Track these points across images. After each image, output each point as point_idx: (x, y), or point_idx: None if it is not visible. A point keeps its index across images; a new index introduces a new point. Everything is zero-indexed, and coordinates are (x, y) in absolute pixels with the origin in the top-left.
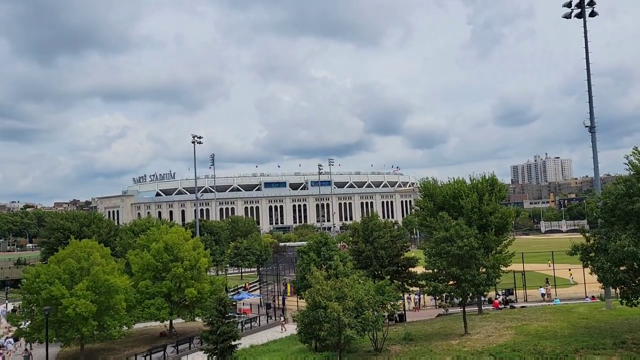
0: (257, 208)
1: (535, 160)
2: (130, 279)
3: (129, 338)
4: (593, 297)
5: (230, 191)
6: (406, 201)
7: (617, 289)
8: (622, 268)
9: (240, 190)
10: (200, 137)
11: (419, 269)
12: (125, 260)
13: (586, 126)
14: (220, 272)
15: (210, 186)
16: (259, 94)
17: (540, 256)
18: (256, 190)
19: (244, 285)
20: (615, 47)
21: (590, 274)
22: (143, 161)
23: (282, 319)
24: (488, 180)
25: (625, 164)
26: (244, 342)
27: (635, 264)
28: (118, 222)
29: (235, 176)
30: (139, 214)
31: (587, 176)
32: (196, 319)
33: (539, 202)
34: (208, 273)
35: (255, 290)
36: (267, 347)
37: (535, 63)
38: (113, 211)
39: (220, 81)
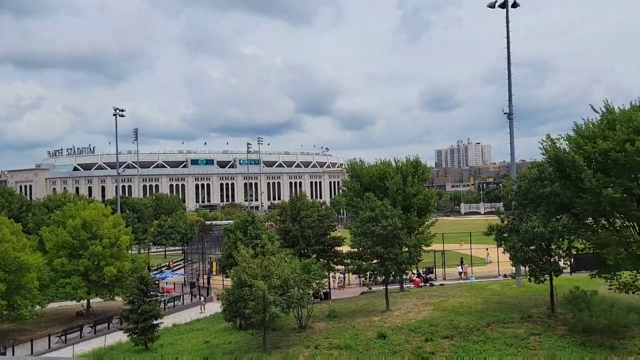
0: (183, 186)
1: (458, 145)
2: (44, 257)
3: (42, 318)
4: (505, 275)
5: (154, 167)
6: (335, 182)
7: (527, 267)
8: (531, 248)
9: (166, 167)
10: (122, 110)
11: (345, 248)
12: (39, 237)
13: (505, 113)
14: (142, 251)
15: (133, 162)
16: (186, 68)
17: (460, 237)
18: (182, 167)
19: (167, 264)
20: (535, 40)
21: (503, 253)
22: (60, 134)
23: (202, 299)
24: (412, 163)
25: (540, 148)
26: (167, 322)
27: (543, 243)
28: (31, 198)
29: (160, 152)
30: (54, 189)
31: (504, 161)
32: (116, 298)
33: (460, 185)
34: (130, 251)
35: (179, 269)
36: (190, 326)
37: (461, 51)
38: (25, 186)
39: (146, 53)
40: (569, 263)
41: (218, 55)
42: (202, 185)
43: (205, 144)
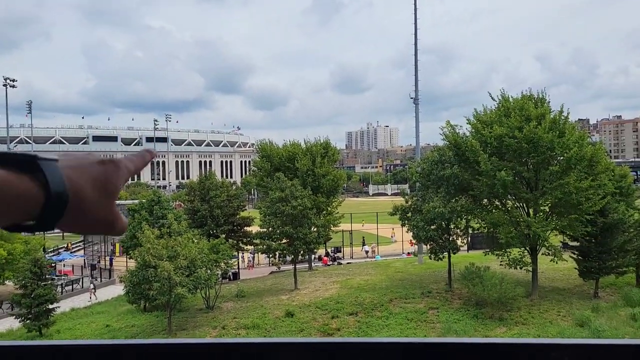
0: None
1: (368, 128)
2: None
3: None
4: (409, 253)
5: (51, 143)
6: (246, 161)
7: (428, 246)
8: (432, 227)
9: (64, 143)
10: (14, 80)
11: (255, 228)
12: None
13: (411, 98)
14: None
15: (27, 137)
16: (85, 38)
17: (368, 217)
18: (83, 143)
19: (65, 245)
20: (441, 28)
21: (407, 232)
22: None
23: (92, 286)
24: (322, 145)
25: (441, 134)
26: (64, 306)
27: (443, 223)
28: None
29: (58, 127)
30: None
31: (410, 144)
32: (6, 282)
33: (369, 167)
34: (22, 233)
35: (78, 250)
36: (90, 309)
37: (372, 35)
38: None
39: (38, 19)
40: (466, 241)
41: (121, 26)
42: None
43: (109, 119)
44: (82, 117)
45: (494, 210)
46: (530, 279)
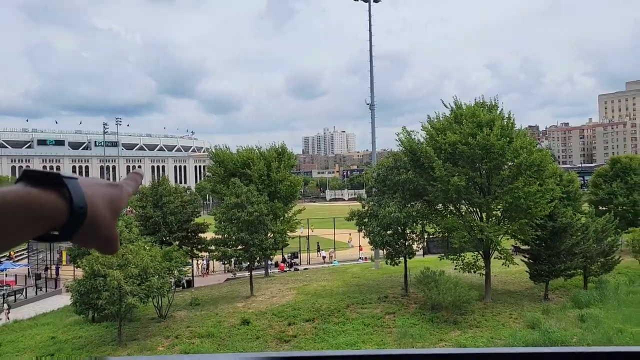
0: (28, 168)
1: (324, 133)
2: None
3: None
4: (365, 258)
5: None
6: (200, 166)
7: (384, 251)
8: (388, 232)
9: (6, 147)
10: None
11: (209, 235)
12: None
13: (367, 104)
14: None
15: None
16: (29, 38)
17: (324, 222)
18: (27, 147)
19: (8, 254)
20: (395, 35)
21: (364, 237)
22: None
23: (6, 306)
24: (277, 150)
25: (396, 140)
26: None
27: (399, 228)
28: None
29: (0, 130)
30: None
31: (367, 150)
32: None
33: (325, 172)
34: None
35: (22, 259)
36: (35, 321)
37: (326, 41)
38: None
39: None
40: (422, 246)
41: (67, 26)
42: (52, 167)
43: (56, 122)
44: (27, 120)
45: (448, 215)
46: (483, 282)
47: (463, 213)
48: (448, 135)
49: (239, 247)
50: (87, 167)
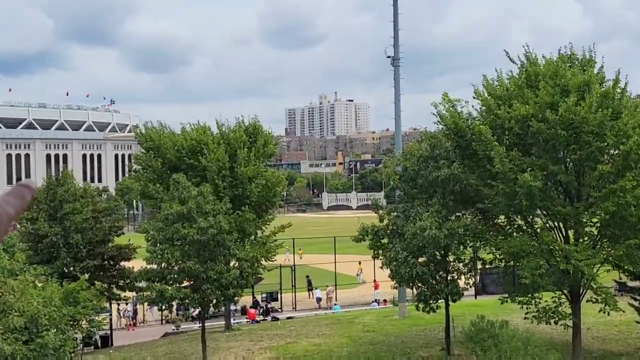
0: None
1: (321, 103)
2: None
3: None
4: (384, 301)
5: None
6: (124, 155)
7: (414, 289)
8: (421, 260)
9: None
10: None
11: (138, 264)
12: None
13: (388, 57)
14: None
15: None
16: None
17: (320, 244)
18: None
19: None
20: None
21: (382, 268)
22: None
23: None
24: (248, 129)
25: (434, 114)
26: None
27: (437, 253)
28: None
29: None
30: None
31: (387, 129)
32: None
33: (322, 165)
34: None
35: None
36: None
37: None
38: None
39: None
40: (472, 282)
41: None
42: None
43: None
44: None
45: (514, 234)
46: (570, 339)
47: (538, 230)
48: (515, 107)
49: (185, 283)
50: None
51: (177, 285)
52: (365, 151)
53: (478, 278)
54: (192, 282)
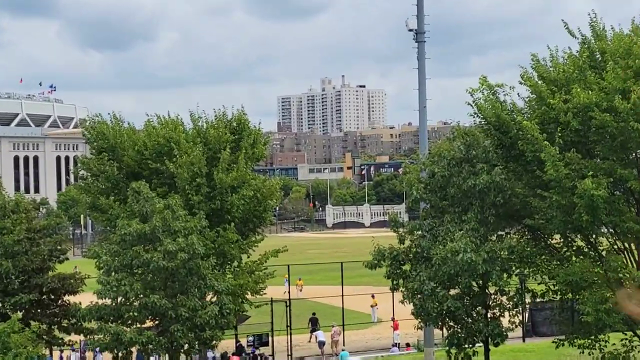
0: None
1: (324, 90)
2: None
3: None
4: (407, 346)
5: None
6: (68, 157)
7: (444, 330)
8: (452, 292)
9: None
10: None
11: (86, 298)
12: None
13: (410, 30)
14: None
15: None
16: None
17: (323, 272)
18: None
19: None
20: None
21: (402, 302)
22: None
23: None
24: (232, 123)
25: (469, 104)
26: None
27: (474, 283)
28: None
29: None
30: None
31: (410, 124)
32: None
33: (326, 169)
34: None
35: None
36: None
37: None
38: None
39: None
40: (519, 320)
41: None
42: None
43: None
44: None
45: (573, 258)
46: None
47: (603, 253)
48: (575, 94)
49: (148, 323)
50: None
51: (138, 325)
52: (381, 152)
53: (527, 315)
54: (157, 322)
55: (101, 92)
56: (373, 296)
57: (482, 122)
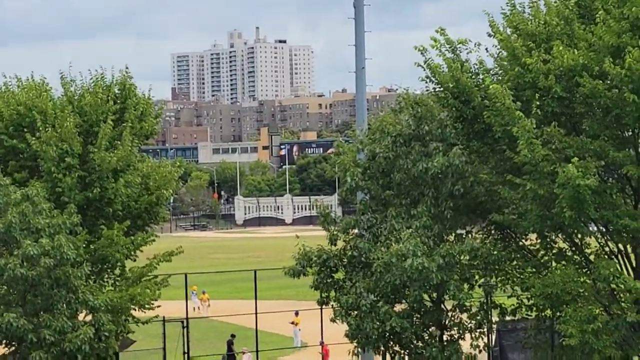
0: None
1: (232, 46)
2: None
3: None
4: None
5: None
6: None
7: (388, 355)
8: (398, 307)
9: None
10: None
11: None
12: None
13: None
14: None
15: None
16: None
17: (230, 283)
18: None
19: None
20: None
21: (333, 321)
22: None
23: None
24: (112, 88)
25: (421, 66)
26: None
27: (426, 295)
28: None
29: None
30: None
31: (344, 90)
32: None
33: (235, 150)
34: None
35: None
36: None
37: None
38: None
39: None
40: (484, 343)
41: None
42: None
43: None
44: None
45: (552, 263)
46: None
47: (591, 257)
48: (557, 53)
49: (1, 350)
50: None
51: None
52: (306, 127)
53: (493, 338)
54: (13, 349)
55: None
56: (296, 313)
57: (438, 89)
